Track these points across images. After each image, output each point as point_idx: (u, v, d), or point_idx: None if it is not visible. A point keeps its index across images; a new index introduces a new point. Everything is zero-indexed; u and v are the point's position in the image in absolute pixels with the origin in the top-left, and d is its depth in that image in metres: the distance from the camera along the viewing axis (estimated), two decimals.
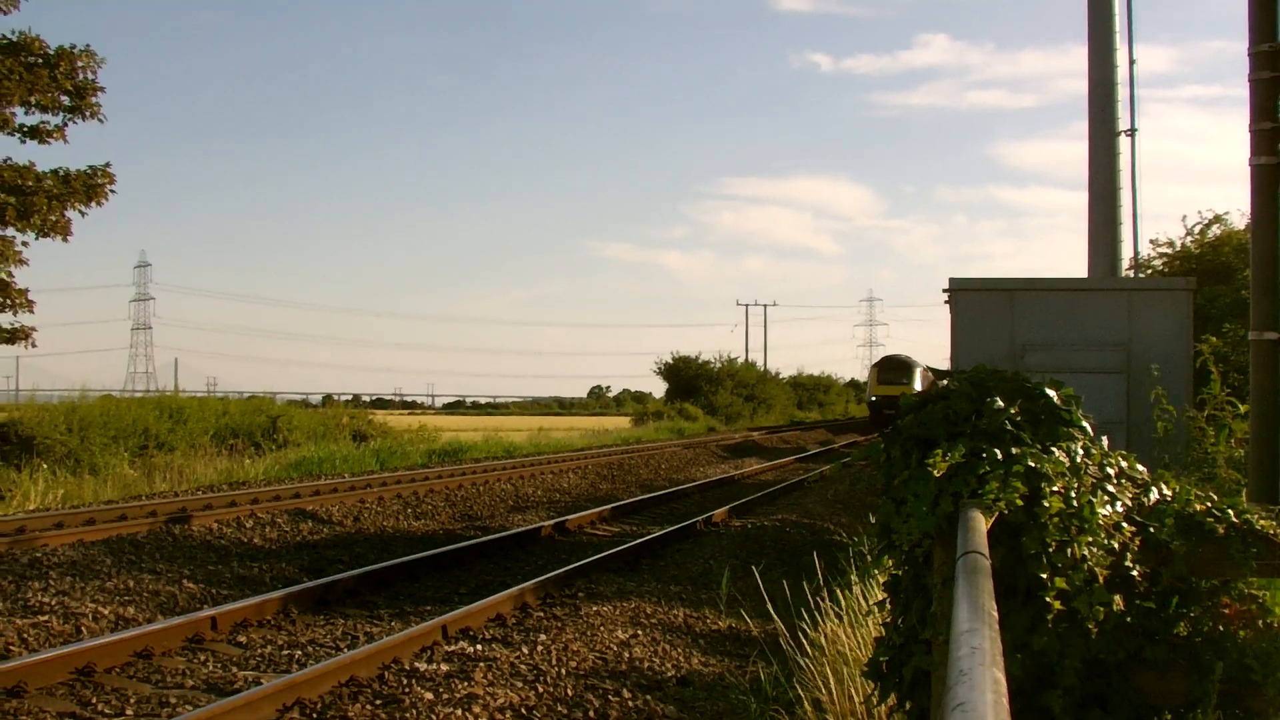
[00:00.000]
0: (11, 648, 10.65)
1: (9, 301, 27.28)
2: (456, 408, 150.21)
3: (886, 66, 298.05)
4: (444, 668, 9.99)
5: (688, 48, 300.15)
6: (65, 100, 27.10)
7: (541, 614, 12.37)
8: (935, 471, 5.01)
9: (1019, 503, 4.92)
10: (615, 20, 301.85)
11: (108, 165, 27.45)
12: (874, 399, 71.35)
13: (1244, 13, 10.84)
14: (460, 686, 9.36)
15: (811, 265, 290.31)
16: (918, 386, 64.04)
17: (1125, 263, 27.86)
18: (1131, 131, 28.17)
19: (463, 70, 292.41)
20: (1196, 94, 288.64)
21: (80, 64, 26.90)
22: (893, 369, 72.41)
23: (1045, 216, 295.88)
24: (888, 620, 5.80)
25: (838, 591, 10.39)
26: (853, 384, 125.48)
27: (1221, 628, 5.49)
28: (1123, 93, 28.27)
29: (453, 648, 10.72)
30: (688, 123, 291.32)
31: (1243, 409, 12.35)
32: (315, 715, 8.66)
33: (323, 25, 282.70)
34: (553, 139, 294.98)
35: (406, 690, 9.26)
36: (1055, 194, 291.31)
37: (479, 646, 10.81)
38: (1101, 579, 5.06)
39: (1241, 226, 25.92)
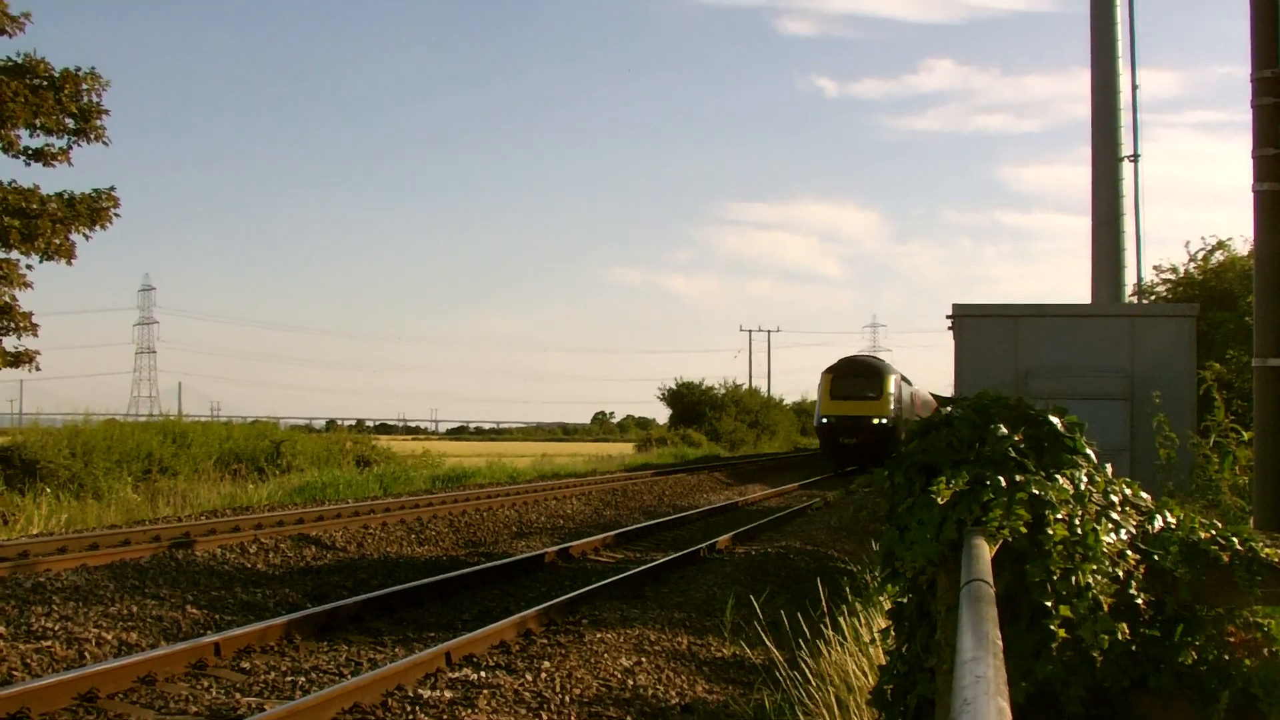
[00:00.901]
0: (15, 673, 10.64)
1: (13, 324, 27.25)
2: (460, 433, 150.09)
3: (892, 91, 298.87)
4: (448, 694, 9.98)
5: (693, 70, 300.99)
6: (70, 123, 27.13)
7: (545, 641, 12.35)
8: (939, 498, 5.01)
9: (1023, 530, 4.92)
10: (622, 42, 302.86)
11: (112, 189, 27.47)
12: (825, 420, 52.05)
13: (1249, 37, 10.87)
14: (464, 714, 9.36)
15: (818, 289, 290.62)
16: (892, 403, 51.25)
17: (1129, 288, 27.89)
18: (1134, 157, 28.25)
19: (470, 91, 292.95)
20: (1203, 118, 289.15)
21: (85, 87, 26.93)
22: (853, 376, 52.73)
23: (1050, 241, 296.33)
24: (892, 648, 5.79)
25: (841, 619, 10.38)
26: None
27: (1227, 656, 5.48)
28: (1126, 118, 28.38)
29: (456, 674, 10.71)
30: (693, 146, 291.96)
31: (1247, 436, 12.35)
32: None
33: (328, 48, 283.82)
34: (558, 160, 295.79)
35: (410, 717, 9.25)
36: (1060, 219, 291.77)
37: (483, 673, 10.80)
38: (1106, 607, 5.05)
39: (1245, 252, 25.91)
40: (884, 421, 50.75)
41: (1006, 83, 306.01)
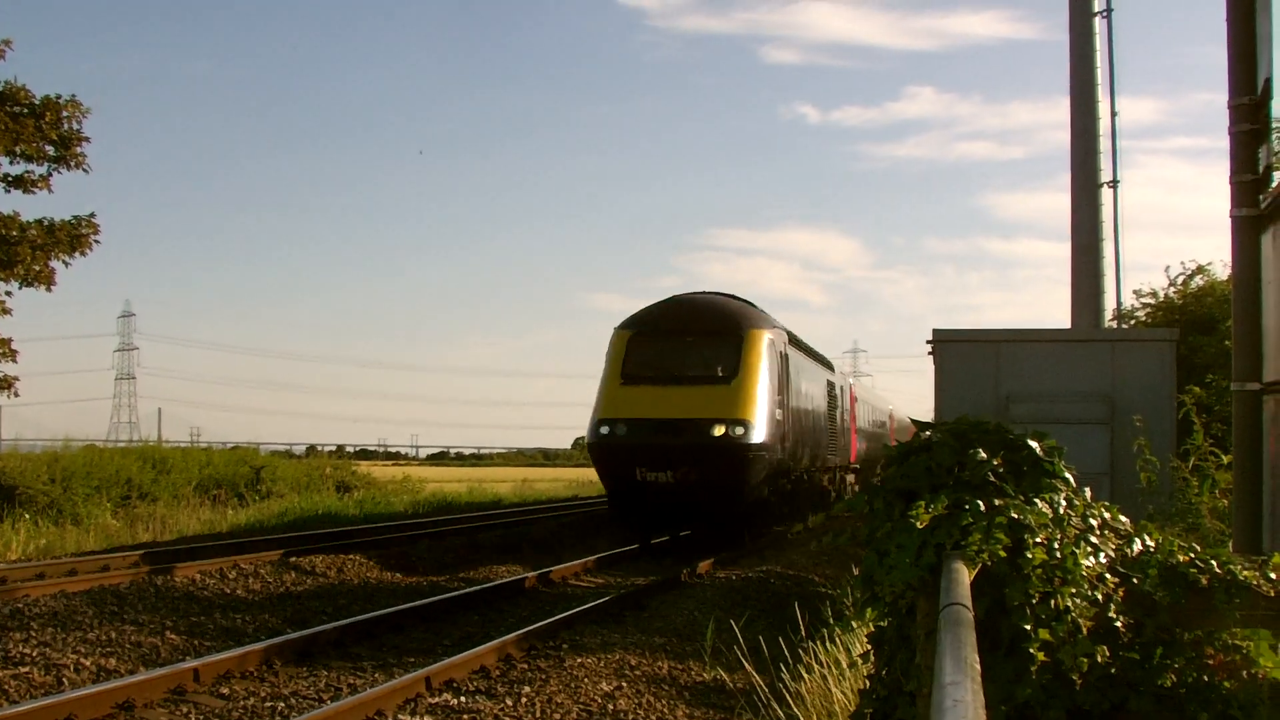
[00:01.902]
0: None
1: None
2: (440, 459, 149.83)
3: (874, 118, 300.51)
4: None
5: (677, 98, 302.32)
6: (50, 150, 27.11)
7: (525, 666, 12.32)
8: (918, 523, 5.02)
9: (1002, 554, 4.93)
10: (607, 68, 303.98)
11: (92, 215, 27.45)
12: (605, 430, 24.34)
13: (1227, 64, 10.94)
14: None
15: (800, 316, 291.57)
16: (762, 395, 24.22)
17: (1109, 313, 27.96)
18: (1114, 183, 28.33)
19: (454, 119, 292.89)
20: (1184, 145, 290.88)
21: (66, 114, 26.93)
22: (674, 336, 25.23)
23: (1033, 268, 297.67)
24: (872, 672, 5.79)
25: (821, 643, 10.36)
26: None
27: (1206, 679, 5.49)
28: (1106, 144, 28.46)
29: (436, 700, 10.67)
30: (677, 173, 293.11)
31: (1226, 459, 12.39)
32: None
33: (313, 77, 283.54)
34: (542, 187, 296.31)
35: None
36: (1043, 245, 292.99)
37: (463, 698, 10.76)
38: (1085, 630, 5.06)
39: (1224, 277, 26.02)
40: (741, 434, 23.80)
41: (989, 110, 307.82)
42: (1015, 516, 5.07)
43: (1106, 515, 5.76)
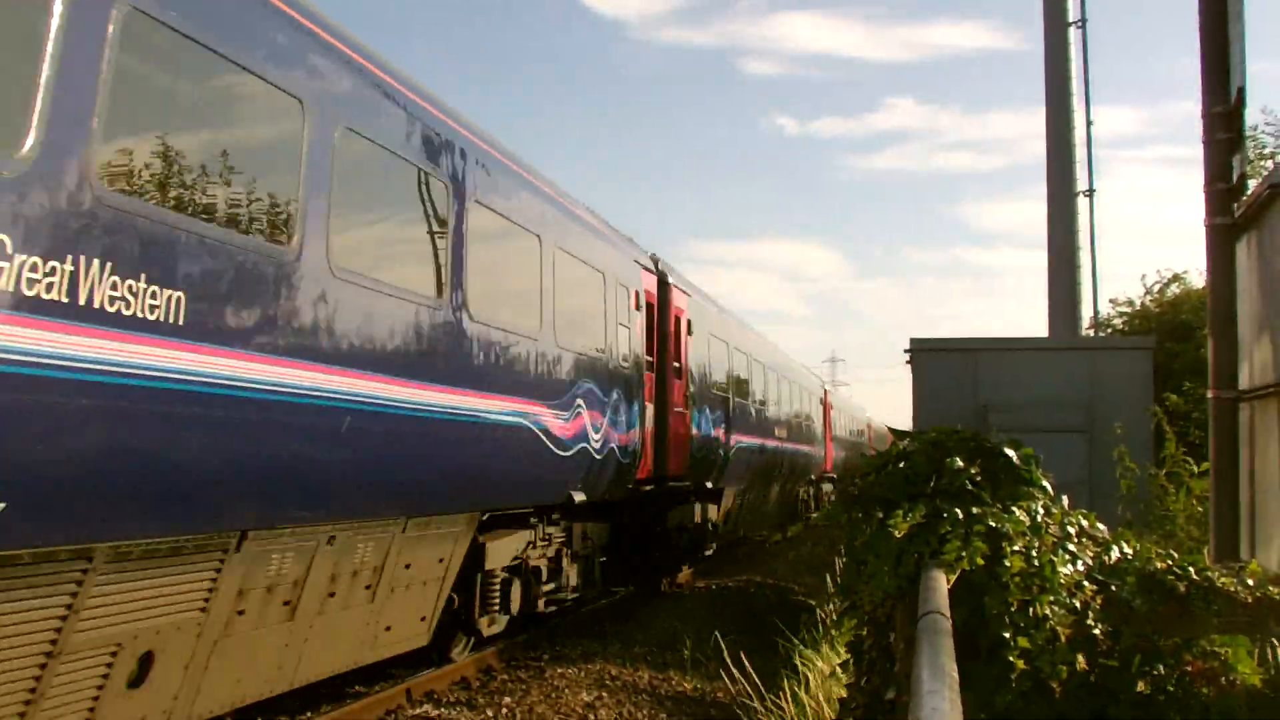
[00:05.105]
0: None
1: None
2: None
3: (854, 129, 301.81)
4: None
5: (656, 110, 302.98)
6: None
7: (506, 677, 12.28)
8: (896, 532, 5.03)
9: (980, 562, 4.94)
10: (587, 79, 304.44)
11: None
12: None
13: (1200, 74, 10.97)
14: None
15: (780, 327, 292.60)
16: None
17: (1086, 322, 28.05)
18: (1090, 192, 28.43)
19: None
20: (1162, 154, 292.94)
21: None
22: None
23: (1013, 277, 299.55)
24: (851, 681, 5.80)
25: (801, 653, 10.36)
26: None
27: (1185, 686, 5.50)
28: (1083, 154, 28.56)
29: (417, 711, 10.63)
30: (657, 184, 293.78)
31: (1202, 467, 12.43)
32: None
33: None
34: None
35: None
36: (1023, 255, 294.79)
37: (444, 710, 10.73)
38: (1064, 638, 5.07)
39: (1200, 285, 26.07)
40: None
41: (969, 120, 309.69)
42: (993, 525, 5.08)
43: (1084, 523, 5.78)
